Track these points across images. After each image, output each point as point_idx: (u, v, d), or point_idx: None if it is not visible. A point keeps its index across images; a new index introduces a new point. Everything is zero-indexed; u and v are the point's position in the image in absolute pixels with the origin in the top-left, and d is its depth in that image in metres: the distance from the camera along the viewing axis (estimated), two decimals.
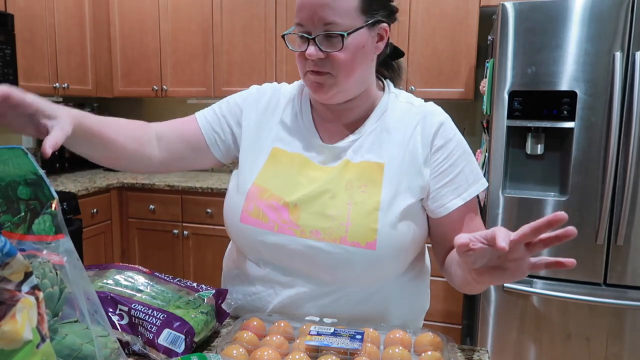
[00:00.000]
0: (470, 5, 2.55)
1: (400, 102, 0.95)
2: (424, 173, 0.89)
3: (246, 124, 1.00)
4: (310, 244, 0.86)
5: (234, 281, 1.00)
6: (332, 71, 0.86)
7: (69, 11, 2.91)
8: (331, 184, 0.89)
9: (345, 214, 0.86)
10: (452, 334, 2.48)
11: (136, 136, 0.96)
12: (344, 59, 0.84)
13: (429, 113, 0.92)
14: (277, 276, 0.91)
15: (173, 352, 0.76)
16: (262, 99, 1.01)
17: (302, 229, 0.87)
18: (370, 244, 0.85)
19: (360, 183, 0.88)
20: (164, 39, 3.10)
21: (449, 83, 2.64)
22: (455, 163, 0.90)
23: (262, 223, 0.89)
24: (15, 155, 0.58)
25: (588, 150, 1.93)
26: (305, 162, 0.93)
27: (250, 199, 0.91)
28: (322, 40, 0.84)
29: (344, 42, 0.83)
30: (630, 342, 1.96)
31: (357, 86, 0.90)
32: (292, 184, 0.90)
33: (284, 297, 0.91)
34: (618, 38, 1.85)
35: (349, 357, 0.72)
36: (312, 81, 0.88)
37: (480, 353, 0.84)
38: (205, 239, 2.85)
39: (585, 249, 1.96)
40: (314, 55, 0.84)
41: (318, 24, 0.83)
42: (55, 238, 0.61)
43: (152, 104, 3.59)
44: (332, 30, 0.82)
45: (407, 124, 0.92)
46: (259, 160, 0.95)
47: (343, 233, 0.85)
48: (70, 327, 0.63)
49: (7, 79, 2.44)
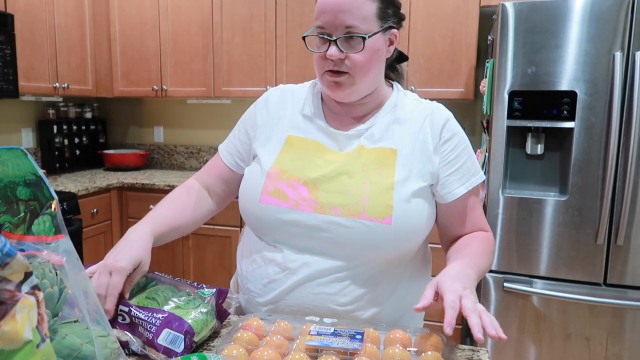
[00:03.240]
0: (470, 5, 2.55)
1: (409, 100, 1.04)
2: (434, 160, 0.97)
3: (260, 122, 1.06)
4: (329, 219, 0.91)
5: (250, 265, 1.01)
6: (350, 71, 0.92)
7: (69, 11, 2.91)
8: (348, 165, 0.95)
9: (363, 191, 0.92)
10: (452, 334, 2.48)
11: (195, 206, 1.08)
12: (361, 60, 0.91)
13: (436, 109, 1.01)
14: (293, 255, 0.94)
15: (172, 351, 0.76)
16: (272, 99, 1.07)
17: (322, 206, 0.92)
18: (387, 219, 0.90)
19: (376, 166, 0.94)
20: (164, 39, 3.10)
21: (449, 83, 2.64)
22: (460, 155, 0.98)
23: (281, 202, 0.94)
24: (14, 155, 0.58)
25: (588, 150, 1.93)
26: (320, 147, 0.98)
27: (270, 180, 0.96)
28: (342, 42, 0.91)
29: (365, 44, 0.90)
30: (630, 342, 1.96)
31: (370, 86, 0.97)
32: (310, 166, 0.96)
33: (299, 275, 0.93)
34: (618, 38, 1.85)
35: (349, 357, 0.72)
36: (330, 81, 0.94)
37: (480, 353, 0.84)
38: (205, 239, 2.85)
39: (585, 249, 1.96)
40: (335, 56, 0.91)
41: (339, 27, 0.90)
42: (55, 238, 0.61)
43: (152, 104, 3.59)
44: (354, 33, 0.90)
45: (416, 116, 1.00)
46: (276, 148, 1.00)
47: (361, 209, 0.90)
48: (70, 327, 0.63)
49: (7, 79, 2.44)
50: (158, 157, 3.62)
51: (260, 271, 0.98)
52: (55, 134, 3.15)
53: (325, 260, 0.93)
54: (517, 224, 2.03)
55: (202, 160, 3.50)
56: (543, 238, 2.00)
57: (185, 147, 3.53)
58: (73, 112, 3.35)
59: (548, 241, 2.00)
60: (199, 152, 3.51)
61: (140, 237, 0.91)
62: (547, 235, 2.00)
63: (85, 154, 3.41)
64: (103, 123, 3.60)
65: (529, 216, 2.01)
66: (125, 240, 0.90)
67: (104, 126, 3.60)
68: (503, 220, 2.05)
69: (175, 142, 3.57)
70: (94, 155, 3.48)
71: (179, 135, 3.55)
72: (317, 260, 0.93)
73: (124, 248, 0.87)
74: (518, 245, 2.04)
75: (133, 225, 0.95)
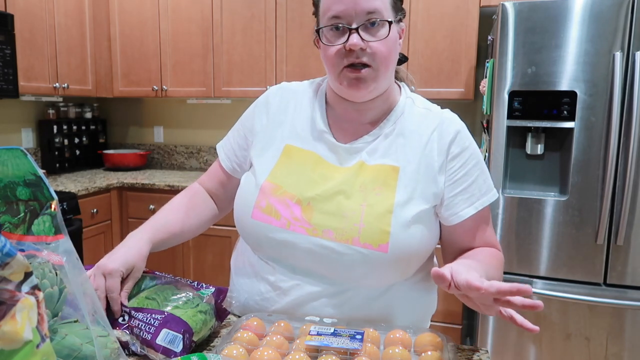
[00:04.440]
0: (470, 5, 2.55)
1: (418, 108, 0.95)
2: (439, 180, 0.89)
3: (259, 127, 1.00)
4: (321, 243, 0.86)
5: (242, 277, 1.00)
6: (372, 64, 0.85)
7: (69, 11, 2.91)
8: (345, 184, 0.89)
9: (359, 215, 0.86)
10: (452, 334, 2.48)
11: (199, 211, 1.06)
12: (384, 51, 0.85)
13: (447, 120, 0.93)
14: (285, 274, 0.91)
15: (171, 352, 0.76)
16: (273, 101, 1.01)
17: (315, 228, 0.87)
18: (383, 246, 0.84)
19: (375, 185, 0.88)
20: (164, 39, 3.09)
21: (449, 83, 2.64)
22: (469, 172, 0.90)
23: (273, 220, 0.89)
24: (14, 155, 0.58)
25: (588, 150, 1.93)
26: (318, 161, 0.92)
27: (263, 196, 0.91)
28: (364, 29, 0.84)
29: (390, 30, 0.84)
30: (630, 342, 1.96)
31: (387, 82, 0.91)
32: (306, 182, 0.90)
33: (291, 297, 0.90)
34: (618, 38, 1.85)
35: (349, 357, 0.72)
36: (351, 78, 0.86)
37: (480, 353, 0.84)
38: (206, 239, 2.85)
39: (585, 249, 1.96)
40: (358, 45, 0.83)
41: (360, 14, 0.83)
42: (55, 239, 0.61)
43: (152, 104, 3.59)
44: (378, 18, 0.83)
45: (424, 129, 0.92)
46: (272, 158, 0.95)
47: (355, 234, 0.85)
48: (70, 327, 0.63)
49: (7, 79, 2.44)
50: (158, 157, 3.62)
51: (253, 286, 0.96)
52: (55, 134, 3.15)
53: (317, 282, 0.89)
54: (517, 224, 2.03)
55: (202, 160, 3.50)
56: (543, 238, 2.00)
57: (185, 147, 3.53)
58: (73, 112, 3.35)
59: (548, 241, 2.00)
60: (199, 152, 3.51)
61: (137, 242, 0.90)
62: (547, 235, 2.00)
63: (85, 154, 3.41)
64: (103, 123, 3.60)
65: (529, 216, 2.01)
66: (122, 245, 0.90)
67: (104, 126, 3.60)
68: (503, 220, 2.05)
69: (175, 142, 3.57)
70: (94, 155, 3.48)
71: (179, 135, 3.55)
72: (309, 282, 0.89)
73: (118, 252, 0.87)
74: (518, 245, 2.04)
75: (133, 231, 0.94)
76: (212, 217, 1.09)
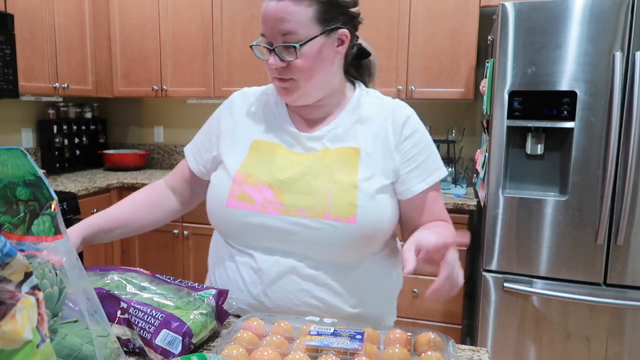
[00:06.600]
0: (470, 5, 2.55)
1: (372, 99, 1.05)
2: (395, 158, 0.99)
3: (225, 128, 1.08)
4: (295, 220, 0.92)
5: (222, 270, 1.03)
6: (294, 76, 0.93)
7: (69, 11, 2.91)
8: (312, 167, 0.96)
9: (327, 192, 0.93)
10: (452, 334, 2.48)
11: (154, 203, 1.14)
12: (302, 66, 0.92)
13: (397, 107, 1.03)
14: (263, 257, 0.96)
15: (170, 353, 0.76)
16: (236, 104, 1.10)
17: (287, 208, 0.93)
18: (352, 218, 0.92)
19: (339, 165, 0.96)
20: (163, 39, 3.10)
21: (449, 83, 2.64)
22: (421, 151, 1.00)
23: (247, 205, 0.95)
24: (14, 156, 0.58)
25: (588, 150, 1.93)
26: (285, 150, 1.00)
27: (236, 185, 0.98)
28: (281, 50, 0.92)
29: (298, 52, 0.91)
30: (630, 342, 1.96)
31: (321, 89, 0.98)
32: (276, 169, 0.97)
33: (271, 275, 0.95)
34: (618, 38, 1.85)
35: (349, 357, 0.72)
36: (278, 87, 0.97)
37: (480, 353, 0.84)
38: (206, 239, 2.84)
39: (585, 249, 1.96)
40: (274, 65, 0.92)
41: (277, 35, 0.91)
42: (55, 239, 0.61)
43: (152, 104, 3.59)
44: (289, 42, 0.90)
45: (379, 115, 1.01)
46: (242, 152, 1.02)
47: (326, 209, 0.92)
48: (70, 327, 0.63)
49: (7, 79, 2.44)
50: (158, 157, 3.62)
51: (235, 276, 0.99)
52: (55, 134, 3.15)
53: (294, 260, 0.94)
54: (517, 224, 2.03)
55: None
56: (543, 238, 2.00)
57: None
58: (73, 112, 3.35)
59: (548, 241, 2.00)
60: None
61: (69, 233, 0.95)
62: (547, 235, 2.00)
63: (85, 154, 3.41)
64: (103, 123, 3.60)
65: (529, 216, 2.01)
66: None
67: (104, 126, 3.60)
68: (503, 220, 2.05)
69: (175, 142, 3.57)
70: (94, 155, 3.48)
71: (179, 135, 3.55)
72: (287, 260, 0.95)
73: None
74: (518, 245, 2.04)
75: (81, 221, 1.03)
76: (172, 212, 1.17)
